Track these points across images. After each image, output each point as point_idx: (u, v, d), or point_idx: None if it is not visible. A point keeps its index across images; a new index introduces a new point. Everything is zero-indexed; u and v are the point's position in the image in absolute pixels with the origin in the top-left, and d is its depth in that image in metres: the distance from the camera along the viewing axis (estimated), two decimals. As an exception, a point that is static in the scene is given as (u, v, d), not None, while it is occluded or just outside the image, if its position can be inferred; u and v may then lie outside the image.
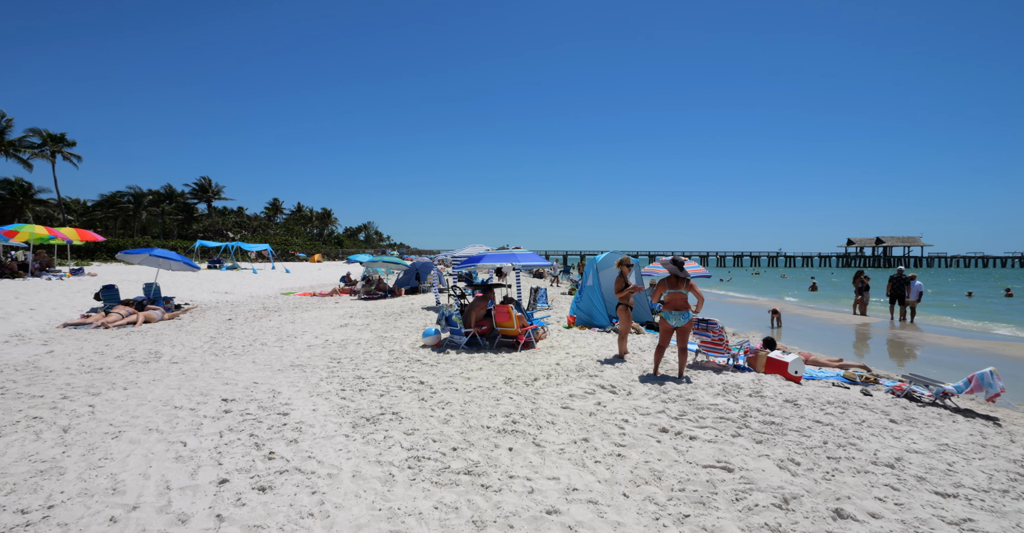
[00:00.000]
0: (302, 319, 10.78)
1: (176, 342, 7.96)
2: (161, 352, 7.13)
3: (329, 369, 5.89)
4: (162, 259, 11.91)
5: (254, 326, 9.71)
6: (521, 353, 6.62)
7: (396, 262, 17.11)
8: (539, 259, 7.10)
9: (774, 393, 4.44)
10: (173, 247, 39.78)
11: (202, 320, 10.69)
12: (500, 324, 6.89)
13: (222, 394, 4.77)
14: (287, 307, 13.22)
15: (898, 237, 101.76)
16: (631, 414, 3.93)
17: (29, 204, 47.00)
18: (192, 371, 5.88)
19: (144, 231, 58.47)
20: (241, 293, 16.81)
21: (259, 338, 8.31)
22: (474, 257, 7.26)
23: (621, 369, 5.55)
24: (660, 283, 5.35)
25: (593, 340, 7.63)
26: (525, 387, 4.85)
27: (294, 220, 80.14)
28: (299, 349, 7.28)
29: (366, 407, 4.32)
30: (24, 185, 46.79)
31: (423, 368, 5.85)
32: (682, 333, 5.16)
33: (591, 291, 8.94)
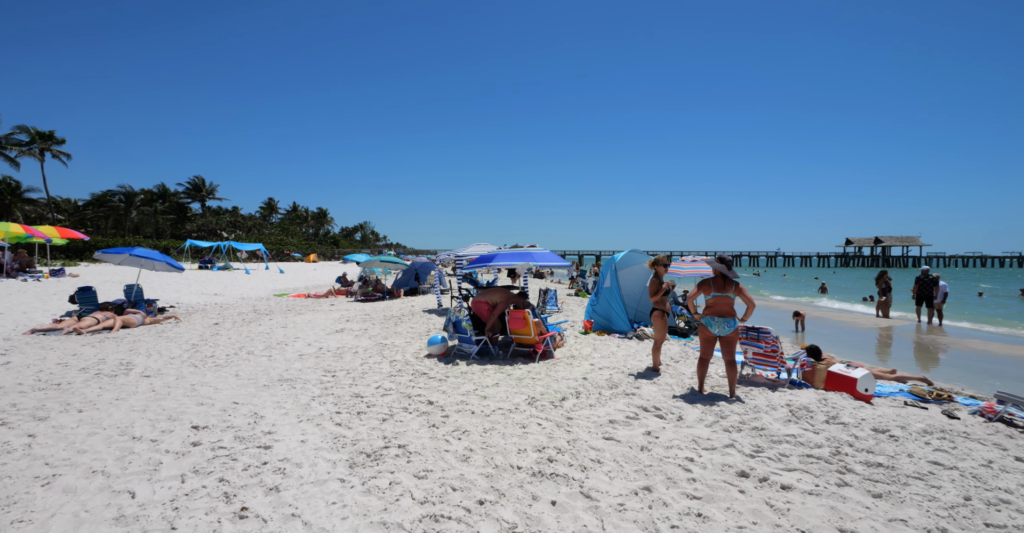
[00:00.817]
0: (294, 323, 10.01)
1: (153, 350, 7.18)
2: (133, 363, 6.34)
3: (322, 384, 5.13)
4: (144, 259, 11.10)
5: (242, 332, 8.93)
6: (539, 364, 5.88)
7: (394, 262, 16.33)
8: (557, 259, 6.40)
9: (854, 418, 3.73)
10: (165, 247, 38.81)
11: (186, 324, 9.90)
12: (515, 331, 6.15)
13: (194, 418, 4.00)
14: (279, 310, 12.44)
15: (897, 237, 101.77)
16: (692, 448, 3.20)
17: (17, 203, 45.87)
18: (164, 387, 5.11)
19: (136, 231, 57.37)
20: (232, 295, 15.98)
21: (246, 346, 7.53)
22: (486, 256, 6.52)
23: (660, 385, 4.81)
24: (701, 285, 4.62)
25: (616, 348, 6.89)
26: (553, 409, 4.10)
27: (289, 220, 79.10)
28: (289, 359, 6.51)
29: (366, 436, 3.57)
30: (12, 184, 45.65)
31: (430, 383, 5.10)
32: (728, 344, 4.45)
33: (609, 293, 8.22)
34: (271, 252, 46.80)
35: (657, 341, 5.29)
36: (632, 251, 8.59)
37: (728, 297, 4.45)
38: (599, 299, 8.46)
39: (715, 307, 4.48)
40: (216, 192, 62.61)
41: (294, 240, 63.21)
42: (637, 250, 8.64)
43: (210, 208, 64.49)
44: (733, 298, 4.45)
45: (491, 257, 6.39)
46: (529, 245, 6.64)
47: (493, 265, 6.18)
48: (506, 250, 6.53)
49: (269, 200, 77.40)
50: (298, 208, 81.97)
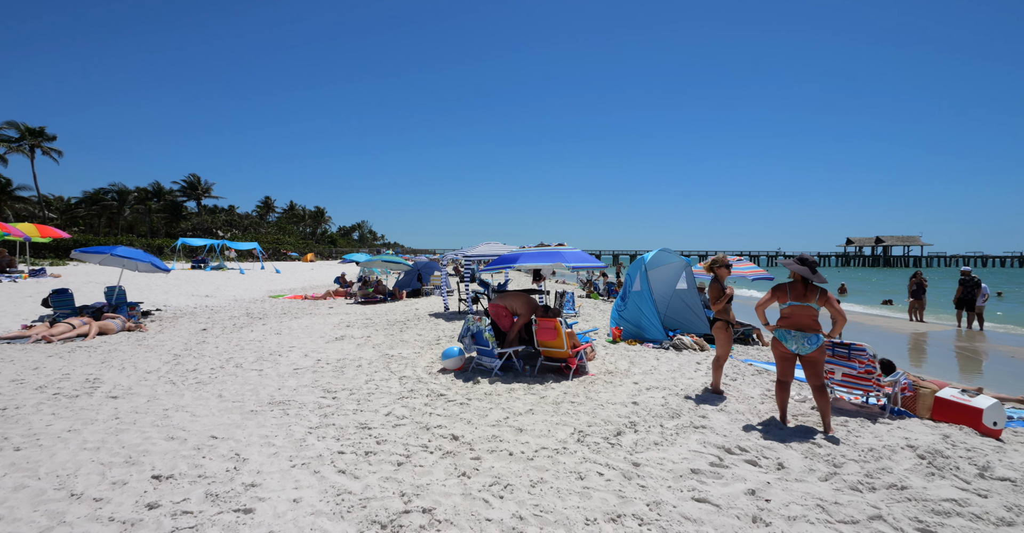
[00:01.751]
0: (290, 329, 9.15)
1: (128, 362, 6.32)
2: (101, 379, 5.48)
3: (321, 410, 4.29)
4: (126, 259, 10.21)
5: (231, 339, 8.07)
6: (574, 382, 5.05)
7: (396, 262, 15.48)
8: (589, 259, 5.58)
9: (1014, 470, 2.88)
10: (159, 246, 37.78)
11: (171, 330, 9.03)
12: (544, 344, 5.32)
13: (158, 463, 3.16)
14: (274, 313, 11.57)
15: (898, 236, 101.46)
16: (826, 523, 2.32)
17: (7, 201, 44.76)
18: (131, 413, 4.26)
19: (130, 229, 56.24)
20: (224, 296, 15.10)
21: (234, 357, 6.68)
22: (507, 256, 5.70)
23: (730, 414, 3.98)
24: (775, 291, 3.80)
25: (656, 361, 6.06)
26: (611, 449, 3.27)
27: (286, 219, 78.06)
28: (283, 374, 5.66)
29: (378, 492, 2.74)
30: (1, 181, 44.50)
31: (451, 408, 4.26)
32: (812, 364, 3.64)
33: (639, 297, 7.39)
34: (267, 251, 45.82)
35: (720, 358, 4.46)
36: (662, 250, 7.77)
37: (810, 308, 3.63)
38: (627, 304, 7.64)
39: (792, 318, 3.66)
40: (212, 190, 61.57)
41: (291, 239, 62.25)
42: (668, 249, 7.82)
43: (206, 207, 63.42)
44: (817, 309, 3.62)
45: (514, 257, 5.56)
46: (557, 243, 5.80)
47: (518, 267, 5.35)
48: (531, 249, 5.70)
49: (266, 199, 76.35)
50: (295, 207, 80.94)
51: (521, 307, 5.58)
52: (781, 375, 3.81)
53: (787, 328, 3.69)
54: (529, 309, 5.57)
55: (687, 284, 7.92)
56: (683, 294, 7.88)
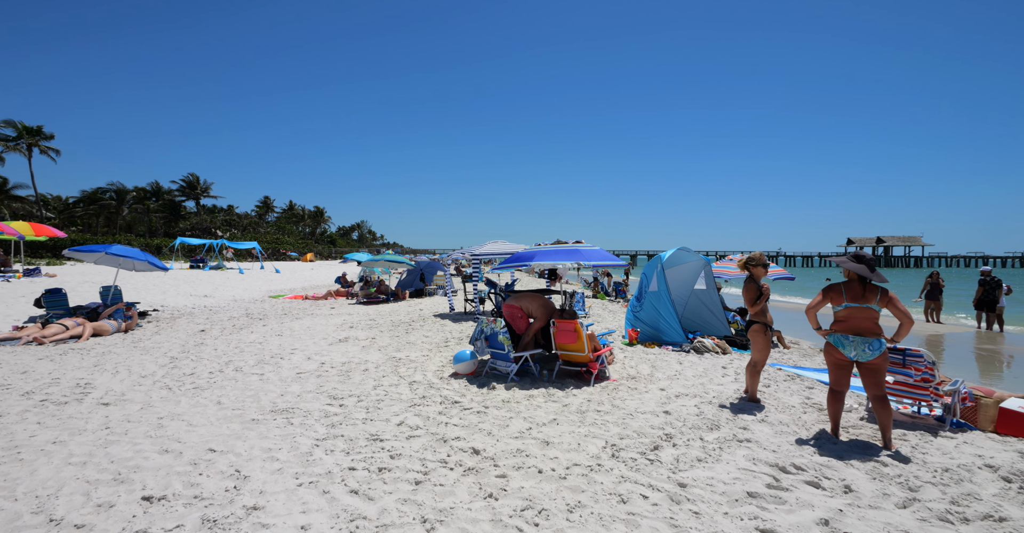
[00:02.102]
0: (291, 330, 8.84)
1: (123, 365, 6.01)
2: (93, 384, 5.17)
3: (328, 419, 3.98)
4: (122, 258, 9.90)
5: (231, 341, 7.76)
6: (596, 388, 4.74)
7: (400, 261, 15.16)
8: (609, 256, 5.27)
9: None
10: (157, 246, 37.43)
11: (168, 332, 8.71)
12: (563, 347, 5.01)
13: (149, 480, 2.85)
14: (274, 314, 11.26)
15: (899, 237, 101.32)
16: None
17: (4, 200, 44.37)
18: (123, 422, 3.95)
19: (129, 229, 55.82)
20: (223, 296, 14.78)
21: (234, 360, 6.37)
22: (522, 255, 5.40)
23: (773, 425, 3.67)
24: (828, 292, 3.46)
25: (679, 365, 5.76)
26: (650, 466, 2.97)
27: (286, 218, 77.70)
28: (285, 379, 5.35)
29: (396, 517, 2.43)
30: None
31: (467, 417, 3.95)
32: (872, 372, 3.27)
33: (657, 298, 7.09)
34: (267, 251, 45.50)
35: (758, 363, 4.15)
36: (680, 249, 7.47)
37: (870, 310, 3.28)
38: (643, 305, 7.34)
39: (850, 322, 3.32)
40: (211, 190, 61.26)
41: (290, 239, 61.94)
42: (686, 248, 7.52)
43: (205, 206, 63.08)
44: (878, 310, 3.32)
45: (530, 255, 5.25)
46: (575, 241, 5.49)
47: (535, 265, 5.05)
48: (547, 246, 5.40)
49: (265, 199, 76.02)
50: (295, 207, 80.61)
51: (538, 309, 5.28)
52: (835, 384, 3.47)
53: (844, 333, 3.34)
54: (547, 311, 5.27)
55: (706, 284, 7.62)
56: (701, 294, 7.58)
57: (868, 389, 3.33)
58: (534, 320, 5.28)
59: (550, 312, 5.34)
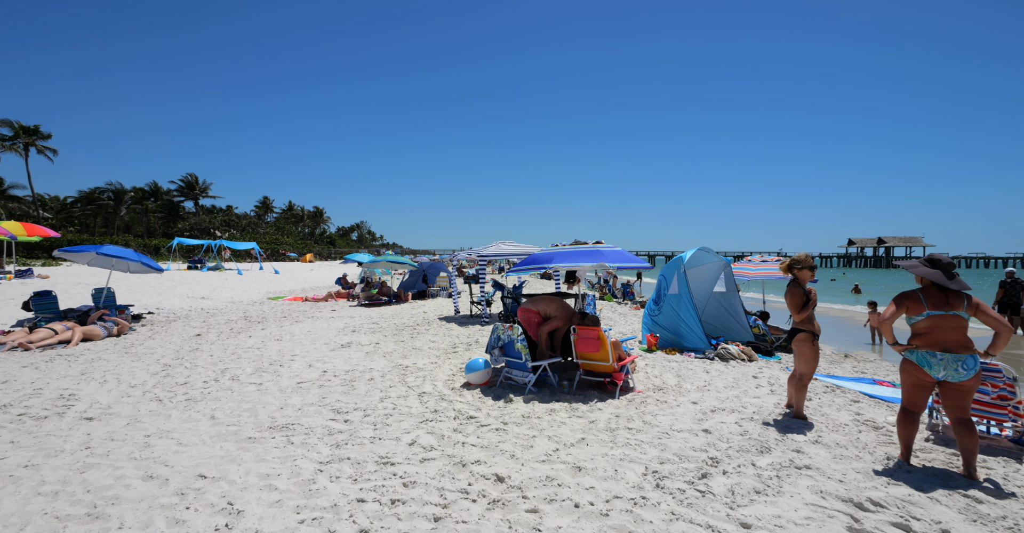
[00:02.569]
0: (291, 335, 8.47)
1: (112, 374, 5.63)
2: (79, 395, 4.80)
3: (332, 437, 3.61)
4: (115, 259, 9.52)
5: (228, 346, 7.39)
6: (621, 402, 4.37)
7: (403, 262, 14.79)
8: (632, 258, 4.91)
9: None
10: (155, 246, 37.00)
11: (163, 336, 8.34)
12: (585, 355, 4.64)
13: (127, 515, 2.48)
14: (274, 316, 10.89)
15: (900, 237, 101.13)
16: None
17: (0, 200, 43.93)
18: (106, 440, 3.58)
19: (127, 229, 55.39)
20: (220, 298, 14.40)
21: (230, 367, 6.00)
22: (538, 256, 5.04)
23: (829, 448, 3.29)
24: (902, 300, 2.99)
25: (706, 374, 5.39)
26: (701, 498, 2.59)
27: (285, 219, 77.30)
28: (285, 389, 4.98)
29: (416, 565, 2.06)
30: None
31: (486, 436, 3.59)
32: (961, 394, 2.83)
33: (677, 302, 6.72)
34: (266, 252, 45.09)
35: (804, 376, 3.78)
36: (701, 250, 7.11)
37: (959, 318, 2.82)
38: (661, 308, 6.97)
39: (935, 335, 2.84)
40: (209, 190, 60.86)
41: (290, 239, 61.57)
42: (707, 248, 7.16)
43: (203, 207, 62.68)
44: (967, 319, 2.87)
45: (549, 256, 4.89)
46: (595, 242, 5.13)
47: (553, 267, 4.69)
48: (566, 247, 5.04)
49: (264, 199, 75.60)
50: (294, 207, 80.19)
51: (557, 311, 4.92)
52: (911, 404, 3.02)
53: (930, 348, 2.85)
54: (567, 314, 4.90)
55: (726, 286, 7.26)
56: (721, 298, 7.22)
57: (950, 411, 2.90)
58: (552, 324, 4.91)
59: (570, 316, 4.98)
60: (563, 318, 4.93)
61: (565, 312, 4.96)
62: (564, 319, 4.94)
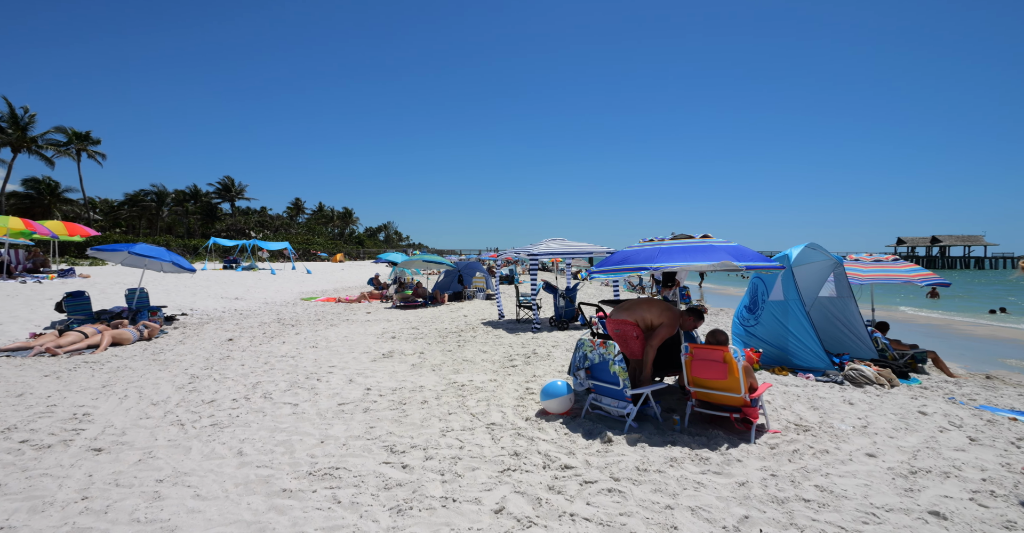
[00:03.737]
0: (327, 341, 7.75)
1: (134, 387, 4.98)
2: (93, 415, 4.12)
3: (390, 493, 2.72)
4: (148, 259, 9.08)
5: (260, 354, 6.71)
6: (761, 447, 3.30)
7: (438, 262, 14.03)
8: (760, 256, 3.83)
9: None
10: (194, 246, 37.96)
11: (194, 340, 7.78)
12: (702, 383, 3.60)
13: None
14: (307, 319, 10.29)
15: (957, 236, 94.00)
16: None
17: (56, 203, 46.26)
18: (110, 485, 2.82)
19: (169, 230, 57.51)
20: (254, 299, 14.02)
21: (262, 381, 5.26)
22: (630, 254, 4.00)
23: None
24: None
25: (848, 405, 4.21)
26: None
27: (315, 220, 78.81)
28: (324, 413, 4.16)
29: None
30: (52, 184, 46.00)
31: (599, 501, 2.61)
32: None
33: (782, 310, 5.57)
34: (298, 252, 45.73)
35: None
36: (808, 246, 5.92)
37: None
38: (759, 318, 5.83)
39: None
40: (245, 192, 62.55)
41: (320, 240, 62.52)
42: (815, 245, 5.96)
43: (239, 208, 64.49)
44: None
45: (647, 255, 3.85)
46: (702, 235, 4.07)
47: (657, 267, 3.67)
48: (668, 241, 4.00)
49: (296, 200, 77.28)
50: (324, 208, 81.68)
51: (662, 317, 3.90)
52: None
53: None
54: (674, 321, 3.90)
55: (836, 290, 6.03)
56: (831, 304, 6.00)
57: None
58: (659, 334, 3.89)
59: (674, 320, 3.96)
60: (671, 325, 3.92)
61: (673, 317, 3.94)
62: (673, 326, 3.93)
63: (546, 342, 7.58)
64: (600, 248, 9.19)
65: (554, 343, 7.50)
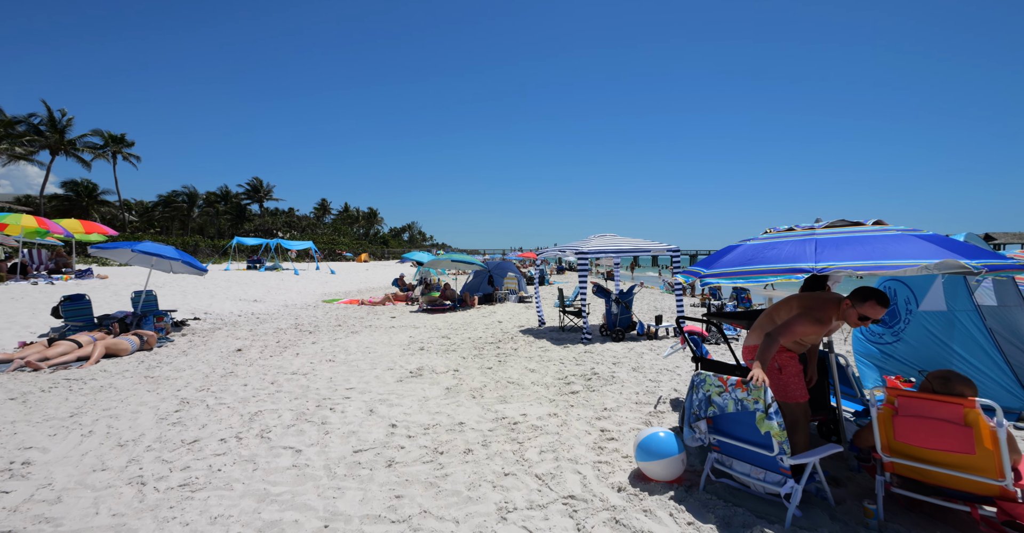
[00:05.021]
0: (346, 352, 6.70)
1: (108, 417, 4.00)
2: (35, 464, 3.12)
3: None
4: (156, 258, 8.27)
5: (269, 369, 5.69)
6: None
7: (469, 261, 12.91)
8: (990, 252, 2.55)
9: None
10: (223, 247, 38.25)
11: (199, 350, 6.86)
12: (915, 453, 2.28)
13: None
14: (327, 324, 9.32)
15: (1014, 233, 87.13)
16: None
17: (94, 205, 47.71)
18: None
19: (200, 231, 58.76)
20: (274, 301, 13.23)
21: (264, 410, 4.19)
22: (754, 248, 2.73)
23: None
24: None
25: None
26: None
27: (341, 220, 79.49)
28: (334, 469, 3.03)
29: None
30: (90, 186, 47.43)
31: None
32: None
33: (944, 324, 4.13)
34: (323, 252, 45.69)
35: None
36: (969, 237, 4.45)
37: None
38: (900, 333, 4.40)
39: None
40: (272, 193, 63.41)
41: (345, 240, 62.79)
42: (973, 235, 4.49)
43: (267, 209, 65.47)
44: None
45: (799, 250, 2.56)
46: (874, 222, 2.76)
47: (817, 270, 2.37)
48: (823, 230, 2.70)
49: (322, 201, 78.09)
50: (349, 208, 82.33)
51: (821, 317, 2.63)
52: None
53: None
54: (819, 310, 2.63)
55: (999, 297, 4.53)
56: (992, 316, 4.50)
57: None
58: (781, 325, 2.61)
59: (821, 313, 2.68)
60: (809, 316, 2.66)
61: (817, 304, 2.69)
62: (815, 318, 2.65)
63: (604, 358, 6.30)
64: (659, 245, 7.84)
65: (614, 359, 6.21)
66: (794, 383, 2.74)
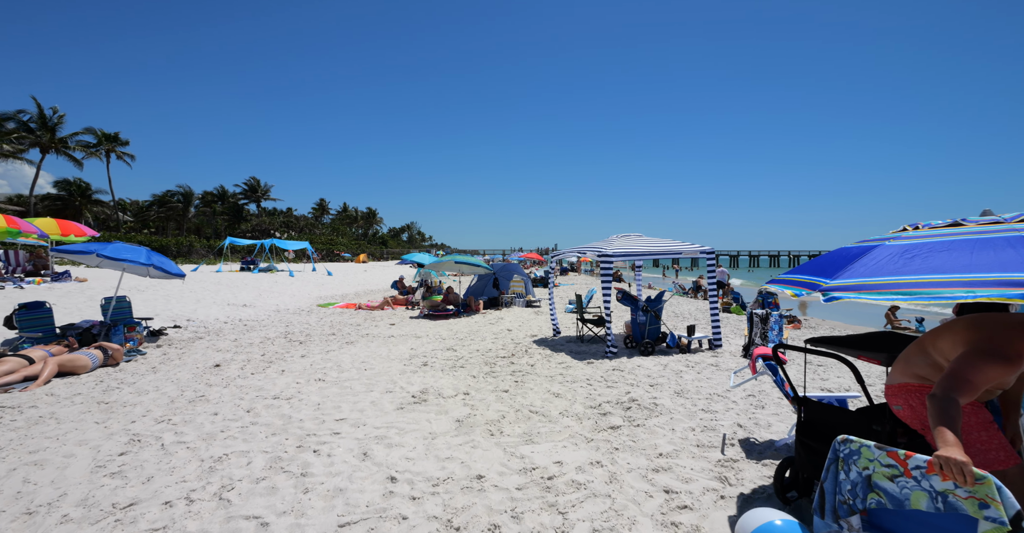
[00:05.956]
0: (338, 368, 5.84)
1: (28, 465, 3.14)
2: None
3: None
4: (126, 263, 7.36)
5: (248, 390, 4.82)
6: None
7: (475, 263, 12.05)
8: None
9: None
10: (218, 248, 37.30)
11: (173, 364, 6.00)
12: None
13: None
14: (320, 333, 8.45)
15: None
16: None
17: (87, 205, 46.73)
18: None
19: (197, 231, 57.80)
20: (265, 306, 12.36)
21: (229, 455, 3.33)
22: (890, 251, 1.93)
23: None
24: None
25: None
26: None
27: (340, 220, 78.56)
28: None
29: None
30: (83, 185, 46.44)
31: None
32: None
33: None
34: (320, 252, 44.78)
35: None
36: None
37: None
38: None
39: None
40: (270, 192, 62.47)
41: (344, 240, 61.90)
42: None
43: (265, 209, 64.52)
44: None
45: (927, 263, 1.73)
46: (1020, 218, 1.93)
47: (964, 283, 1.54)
48: (1018, 224, 1.88)
49: (321, 201, 77.17)
50: (348, 208, 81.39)
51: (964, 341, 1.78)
52: None
53: None
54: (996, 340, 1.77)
55: None
56: None
57: None
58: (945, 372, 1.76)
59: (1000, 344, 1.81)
60: (986, 348, 1.80)
61: (994, 332, 1.82)
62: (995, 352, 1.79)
63: (637, 378, 5.43)
64: (691, 247, 6.99)
65: (650, 380, 5.34)
66: (983, 441, 1.87)
